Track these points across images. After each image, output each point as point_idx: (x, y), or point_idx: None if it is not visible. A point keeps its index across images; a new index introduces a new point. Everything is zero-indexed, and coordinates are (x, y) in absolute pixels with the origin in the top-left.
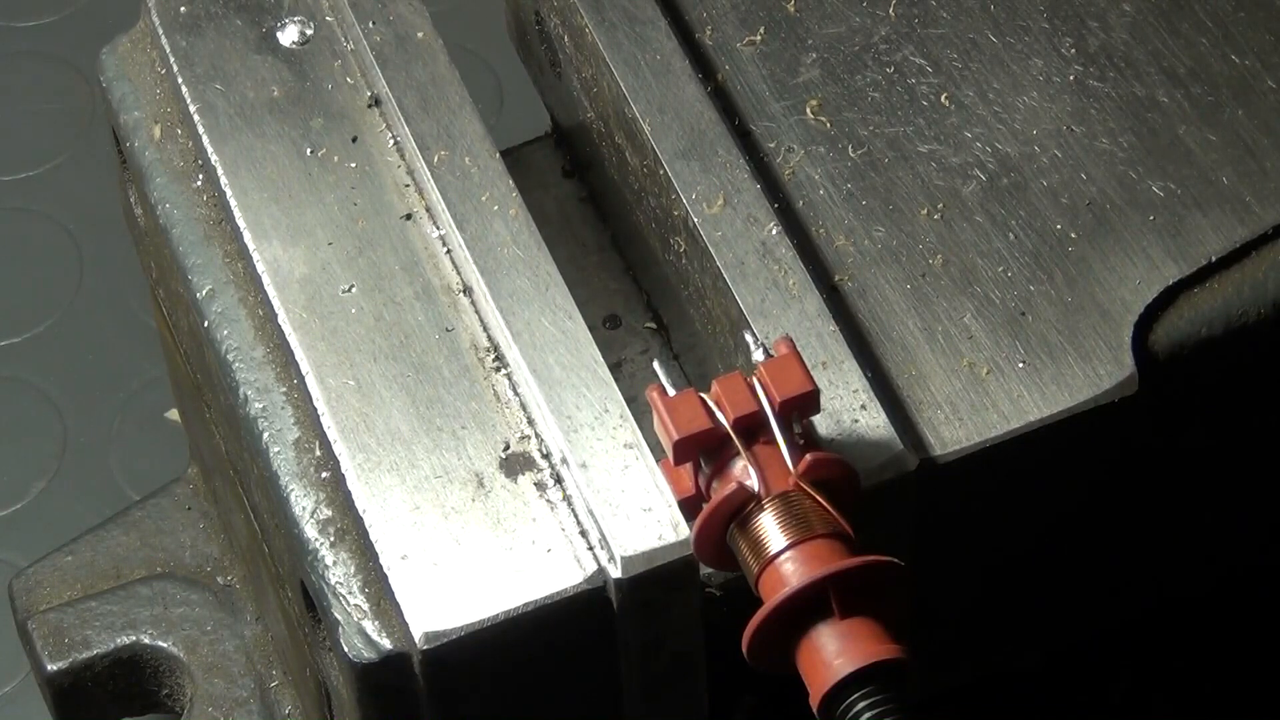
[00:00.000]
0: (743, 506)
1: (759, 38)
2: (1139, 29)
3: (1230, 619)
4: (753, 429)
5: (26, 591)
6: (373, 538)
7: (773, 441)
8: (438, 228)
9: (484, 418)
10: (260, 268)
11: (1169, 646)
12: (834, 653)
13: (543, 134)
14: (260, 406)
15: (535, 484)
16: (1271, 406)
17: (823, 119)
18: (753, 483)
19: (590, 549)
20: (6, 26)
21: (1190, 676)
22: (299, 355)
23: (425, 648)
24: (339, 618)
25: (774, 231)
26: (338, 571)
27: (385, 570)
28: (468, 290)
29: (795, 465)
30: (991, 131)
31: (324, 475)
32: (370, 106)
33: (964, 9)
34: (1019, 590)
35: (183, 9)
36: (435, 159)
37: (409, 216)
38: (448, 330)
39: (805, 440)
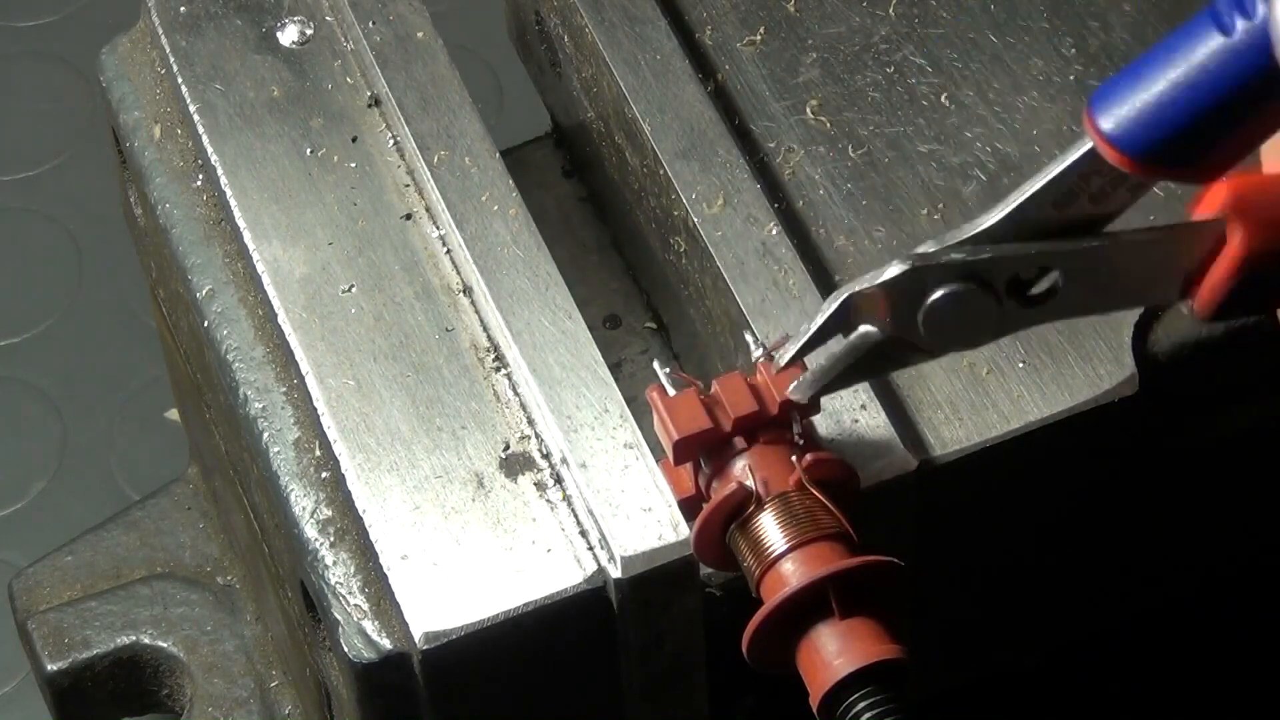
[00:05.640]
0: (743, 506)
1: (759, 38)
2: (1140, 29)
3: (1230, 619)
4: (753, 429)
5: (26, 591)
6: (373, 538)
7: (773, 441)
8: (438, 228)
9: (484, 418)
10: (260, 268)
11: (1169, 646)
12: (834, 653)
13: (543, 134)
14: (260, 406)
15: (535, 484)
16: (1272, 406)
17: (823, 119)
18: (753, 483)
19: (590, 549)
20: (6, 26)
21: (1190, 676)
22: (299, 355)
23: (425, 648)
24: (339, 618)
25: (774, 231)
26: (338, 571)
27: (385, 570)
28: (468, 290)
29: (795, 465)
30: (991, 131)
31: (324, 475)
32: (370, 106)
33: (964, 9)
34: (1019, 590)
35: (183, 9)
36: (435, 159)
37: (409, 216)
38: (448, 330)
39: (805, 440)
